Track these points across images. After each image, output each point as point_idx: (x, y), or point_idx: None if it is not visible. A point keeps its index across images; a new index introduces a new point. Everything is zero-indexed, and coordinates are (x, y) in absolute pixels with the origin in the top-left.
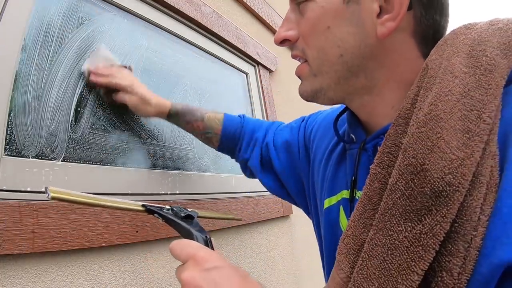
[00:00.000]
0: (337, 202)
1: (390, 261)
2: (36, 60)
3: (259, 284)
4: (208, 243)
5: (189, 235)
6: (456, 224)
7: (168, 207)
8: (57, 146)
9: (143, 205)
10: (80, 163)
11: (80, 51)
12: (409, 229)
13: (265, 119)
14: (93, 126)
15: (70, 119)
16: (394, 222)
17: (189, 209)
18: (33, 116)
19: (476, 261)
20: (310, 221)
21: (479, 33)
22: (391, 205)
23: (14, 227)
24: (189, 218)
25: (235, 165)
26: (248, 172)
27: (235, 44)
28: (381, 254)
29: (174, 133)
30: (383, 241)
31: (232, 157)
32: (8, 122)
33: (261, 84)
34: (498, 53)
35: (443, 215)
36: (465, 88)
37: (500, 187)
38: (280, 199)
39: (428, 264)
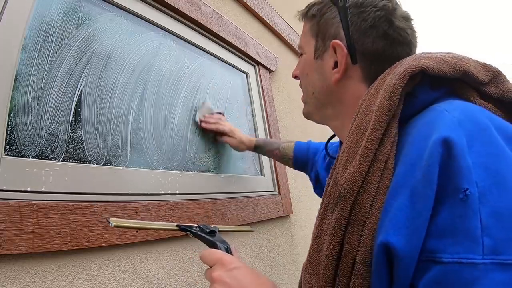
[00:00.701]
0: None
1: (324, 238)
2: (36, 60)
3: (270, 281)
4: (228, 251)
5: (214, 246)
6: (352, 214)
7: (196, 225)
8: (57, 146)
9: (177, 225)
10: (80, 163)
11: (80, 51)
12: (329, 217)
13: (265, 118)
14: (95, 126)
15: (70, 119)
16: (326, 213)
17: (211, 226)
18: (33, 116)
19: (371, 239)
20: (310, 221)
21: (390, 78)
22: (326, 203)
23: (14, 227)
24: (212, 233)
25: (235, 165)
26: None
27: (235, 44)
28: (321, 234)
29: (174, 134)
30: (322, 226)
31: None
32: (8, 122)
33: (261, 84)
34: (385, 95)
35: (341, 207)
36: (367, 124)
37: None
38: (280, 199)
39: (339, 239)
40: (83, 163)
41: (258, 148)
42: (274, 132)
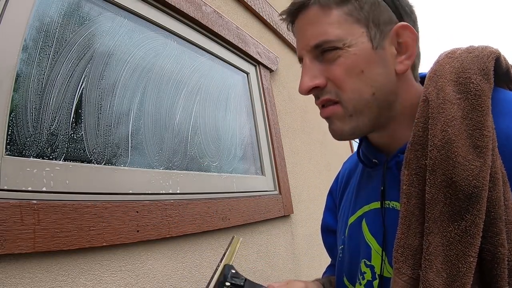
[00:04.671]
0: (358, 217)
1: (449, 254)
2: (36, 60)
3: None
4: None
5: None
6: (492, 212)
7: (229, 283)
8: (58, 146)
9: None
10: (81, 163)
11: (81, 51)
12: (456, 226)
13: (266, 118)
14: (94, 126)
15: (71, 119)
16: (444, 225)
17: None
18: (34, 116)
19: None
20: (311, 221)
21: (461, 62)
22: (438, 213)
23: (15, 227)
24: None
25: (236, 165)
26: None
27: (235, 44)
28: (441, 252)
29: (174, 134)
30: (440, 241)
31: None
32: (8, 122)
33: (262, 84)
34: (481, 78)
35: (478, 209)
36: (463, 111)
37: None
38: (280, 198)
39: (478, 248)
40: (84, 163)
41: None
42: (275, 131)
